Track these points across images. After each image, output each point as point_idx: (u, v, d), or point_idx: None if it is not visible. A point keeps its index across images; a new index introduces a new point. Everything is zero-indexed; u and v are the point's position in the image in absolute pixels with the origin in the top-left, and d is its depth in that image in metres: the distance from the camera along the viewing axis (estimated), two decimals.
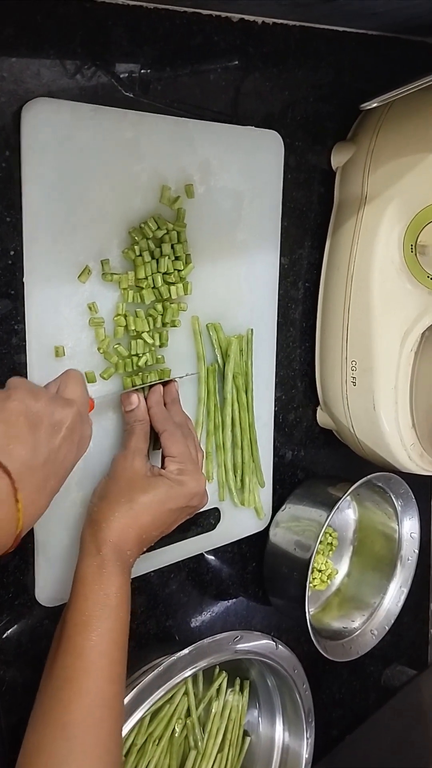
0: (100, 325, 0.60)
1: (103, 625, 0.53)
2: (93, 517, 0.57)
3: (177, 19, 0.62)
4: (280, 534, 0.81)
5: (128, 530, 0.56)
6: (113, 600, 0.54)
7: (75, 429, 0.53)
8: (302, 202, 0.77)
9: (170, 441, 0.62)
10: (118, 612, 0.54)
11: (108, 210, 0.59)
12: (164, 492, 0.59)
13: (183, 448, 0.62)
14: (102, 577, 0.54)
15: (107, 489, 0.59)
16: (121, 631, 0.54)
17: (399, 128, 0.71)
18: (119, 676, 0.54)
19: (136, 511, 0.57)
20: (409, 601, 0.94)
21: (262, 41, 0.69)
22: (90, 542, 0.56)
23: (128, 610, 0.55)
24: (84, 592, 0.54)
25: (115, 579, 0.55)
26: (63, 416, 0.52)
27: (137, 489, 0.58)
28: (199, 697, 0.76)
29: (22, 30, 0.54)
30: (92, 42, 0.58)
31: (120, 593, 0.55)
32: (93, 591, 0.54)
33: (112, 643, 0.53)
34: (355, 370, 0.76)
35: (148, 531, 0.58)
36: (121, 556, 0.56)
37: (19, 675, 0.63)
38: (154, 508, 0.58)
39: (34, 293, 0.57)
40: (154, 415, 0.63)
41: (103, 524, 0.56)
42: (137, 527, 0.57)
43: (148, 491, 0.58)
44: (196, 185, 0.64)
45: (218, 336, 0.69)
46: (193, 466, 0.62)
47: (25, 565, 0.62)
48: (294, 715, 0.79)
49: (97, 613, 0.53)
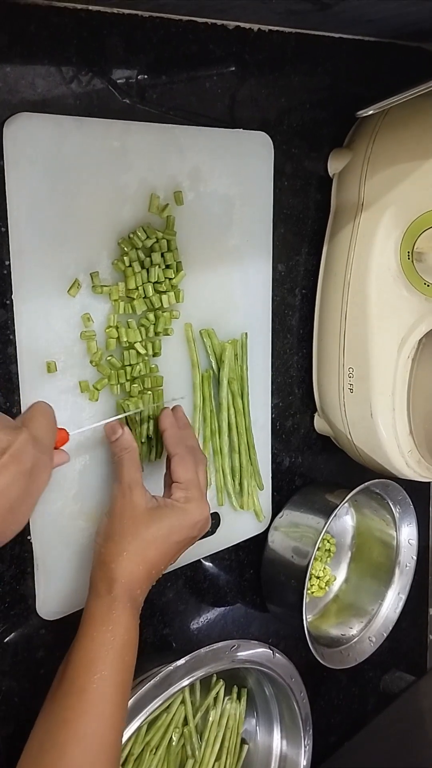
0: (91, 338, 0.60)
1: (107, 667, 0.52)
2: (101, 558, 0.56)
3: (172, 27, 0.62)
4: (278, 541, 0.81)
5: (137, 568, 0.55)
6: (120, 642, 0.53)
7: (22, 457, 0.47)
8: (299, 208, 0.77)
9: (180, 466, 0.61)
10: (124, 655, 0.53)
11: (96, 222, 0.59)
12: (169, 523, 0.58)
13: (192, 475, 0.61)
14: (111, 617, 0.54)
15: (111, 528, 0.57)
16: (125, 674, 0.53)
17: (395, 135, 0.71)
18: (119, 721, 0.53)
19: (143, 547, 0.56)
20: (407, 607, 0.94)
21: (258, 48, 0.69)
22: (100, 583, 0.55)
23: (134, 653, 0.54)
24: (91, 633, 0.53)
25: (124, 620, 0.54)
26: (7, 443, 0.47)
27: (141, 524, 0.57)
28: (196, 706, 0.76)
29: (16, 39, 0.54)
30: (87, 51, 0.58)
31: (127, 635, 0.54)
32: (100, 632, 0.53)
33: (115, 687, 0.52)
34: (352, 377, 0.76)
35: (157, 566, 0.57)
36: (131, 596, 0.55)
37: (15, 685, 0.63)
38: (160, 542, 0.57)
39: (23, 309, 0.56)
40: (168, 438, 0.62)
41: (112, 565, 0.55)
42: (146, 564, 0.56)
43: (151, 525, 0.57)
44: (185, 192, 0.64)
45: (212, 342, 0.69)
46: (199, 493, 0.60)
47: (21, 575, 0.61)
48: (291, 723, 0.79)
49: (102, 654, 0.52)
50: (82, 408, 0.61)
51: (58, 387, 0.59)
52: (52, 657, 0.63)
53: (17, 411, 0.58)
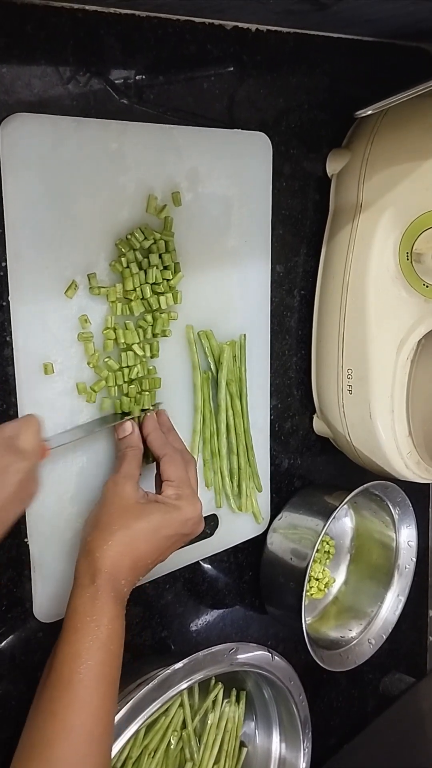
0: (89, 339, 0.60)
1: (92, 657, 0.51)
2: (87, 546, 0.55)
3: (170, 28, 0.62)
4: (277, 542, 0.81)
5: (123, 559, 0.55)
6: (104, 632, 0.52)
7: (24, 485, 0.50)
8: (297, 209, 0.77)
9: (169, 465, 0.61)
10: (109, 645, 0.52)
11: (94, 223, 0.59)
12: (159, 518, 0.57)
13: (182, 473, 0.60)
14: (95, 608, 0.53)
15: (99, 517, 0.56)
16: (111, 665, 0.52)
17: (394, 136, 0.71)
18: (108, 712, 0.52)
19: (130, 538, 0.55)
20: (406, 609, 0.94)
21: (256, 48, 0.69)
22: (84, 573, 0.54)
23: (121, 643, 0.54)
24: (74, 624, 0.53)
25: (108, 610, 0.53)
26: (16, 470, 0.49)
27: (130, 515, 0.56)
28: (194, 709, 0.76)
29: (13, 40, 0.53)
30: (85, 51, 0.57)
31: (112, 625, 0.53)
32: (84, 623, 0.52)
33: (102, 677, 0.51)
34: (351, 378, 0.76)
35: (143, 559, 0.56)
36: (115, 586, 0.54)
37: (12, 688, 0.63)
38: (148, 535, 0.56)
39: (20, 310, 0.56)
40: (153, 441, 0.62)
41: (97, 553, 0.54)
42: (132, 555, 0.55)
43: (141, 517, 0.56)
44: (183, 192, 0.64)
45: (210, 343, 0.69)
46: (190, 491, 0.60)
47: (18, 577, 0.61)
48: (290, 725, 0.79)
49: (87, 645, 0.52)
50: (79, 410, 0.61)
51: (55, 389, 0.59)
52: None
53: (14, 413, 0.58)
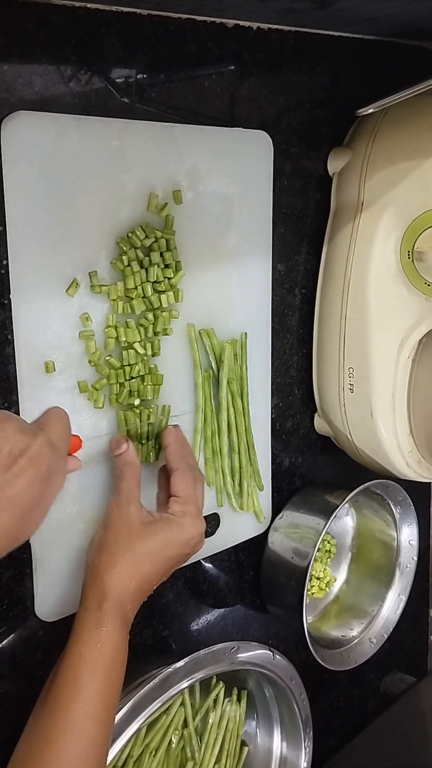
0: (90, 337, 0.60)
1: (93, 686, 0.51)
2: (93, 570, 0.55)
3: (171, 26, 0.62)
4: (278, 542, 0.81)
5: (130, 582, 0.55)
6: (107, 661, 0.52)
7: (39, 460, 0.48)
8: (298, 208, 0.77)
9: (180, 480, 0.61)
10: (111, 674, 0.52)
11: (95, 221, 0.59)
12: (164, 538, 0.57)
13: (191, 490, 0.61)
14: (100, 634, 0.53)
15: (105, 540, 0.57)
16: (111, 693, 0.52)
17: (395, 134, 0.71)
18: (104, 740, 0.52)
19: (136, 560, 0.55)
20: (407, 608, 0.94)
21: (257, 47, 0.69)
22: (91, 597, 0.54)
23: (122, 670, 0.54)
24: (78, 650, 0.52)
25: (113, 637, 0.53)
26: (24, 445, 0.48)
27: (135, 537, 0.56)
28: (195, 708, 0.75)
29: (14, 38, 0.53)
30: (85, 49, 0.57)
31: (116, 652, 0.53)
32: (88, 649, 0.52)
33: (101, 705, 0.51)
34: (352, 377, 0.76)
35: (149, 581, 0.56)
36: (122, 611, 0.54)
37: (13, 688, 0.63)
38: (153, 556, 0.56)
39: (22, 309, 0.56)
40: (172, 452, 0.62)
41: (105, 577, 0.54)
42: (139, 578, 0.55)
43: (146, 539, 0.56)
44: (184, 191, 0.64)
45: (212, 342, 0.69)
46: (196, 509, 0.60)
47: (20, 576, 0.61)
48: (292, 724, 0.79)
49: (89, 673, 0.51)
50: (80, 408, 0.61)
51: (57, 387, 0.59)
52: (51, 659, 0.62)
53: (15, 412, 0.58)
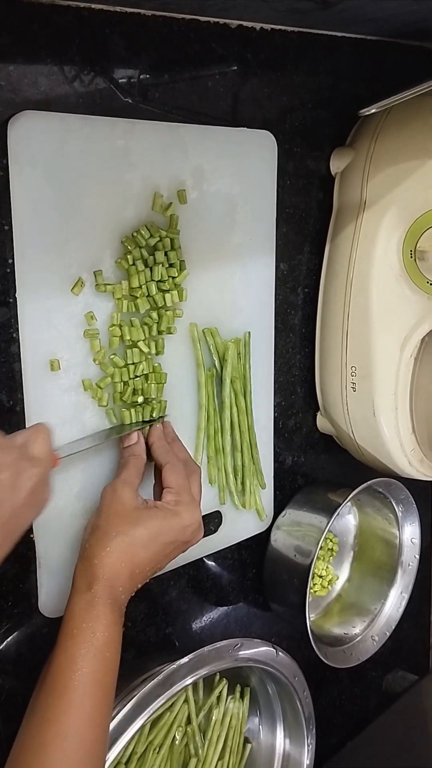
0: (95, 336, 0.60)
1: (88, 664, 0.51)
2: (85, 552, 0.56)
3: (175, 26, 0.62)
4: (281, 540, 0.81)
5: (121, 566, 0.55)
6: (100, 639, 0.52)
7: (37, 491, 0.50)
8: (301, 207, 0.77)
9: (170, 472, 0.61)
10: (105, 652, 0.52)
11: (100, 220, 0.59)
12: (157, 524, 0.57)
13: (182, 480, 0.61)
14: (90, 614, 0.53)
15: (97, 523, 0.57)
16: (107, 672, 0.52)
17: (398, 134, 0.71)
18: (103, 718, 0.52)
19: (128, 545, 0.55)
20: (409, 606, 0.94)
21: (260, 47, 0.69)
22: (81, 579, 0.55)
23: (117, 650, 0.54)
24: (71, 630, 0.53)
25: (104, 618, 0.53)
26: (29, 476, 0.49)
27: (129, 522, 0.56)
28: (199, 705, 0.76)
29: (19, 38, 0.54)
30: (90, 50, 0.58)
31: (108, 632, 0.53)
32: (80, 629, 0.52)
33: (97, 684, 0.51)
34: (354, 375, 0.76)
35: (142, 567, 0.56)
36: (112, 593, 0.54)
37: (18, 683, 0.63)
38: (147, 542, 0.56)
39: (27, 307, 0.56)
40: (157, 449, 0.63)
41: (95, 560, 0.54)
42: (130, 562, 0.55)
43: (140, 524, 0.56)
44: (188, 191, 0.64)
45: (215, 341, 0.69)
46: (190, 498, 0.60)
47: (24, 573, 0.62)
48: (295, 721, 0.79)
49: (82, 652, 0.52)
50: (85, 406, 0.61)
51: (61, 385, 0.59)
52: None
53: (20, 410, 0.58)
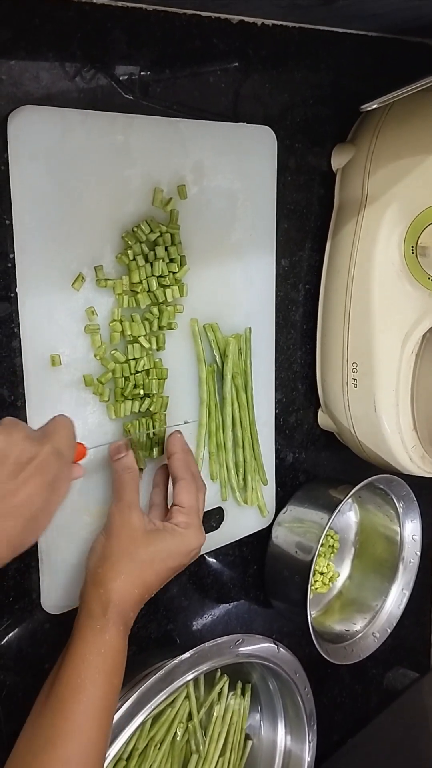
0: (95, 331, 0.60)
1: (96, 690, 0.52)
2: (97, 578, 0.56)
3: (176, 21, 0.62)
4: (282, 536, 0.81)
5: (133, 590, 0.55)
6: (110, 665, 0.53)
7: (46, 468, 0.49)
8: (302, 204, 0.77)
9: (185, 490, 0.61)
10: (113, 678, 0.53)
11: (100, 215, 0.59)
12: (166, 547, 0.58)
13: (194, 501, 0.61)
14: (104, 640, 0.53)
15: (109, 548, 0.57)
16: (111, 698, 0.53)
17: (399, 130, 0.71)
18: (104, 743, 0.53)
19: (140, 569, 0.56)
20: (411, 603, 0.94)
21: (262, 43, 0.69)
22: (95, 604, 0.55)
23: (121, 676, 0.54)
24: (83, 654, 0.53)
25: (116, 643, 0.54)
26: (32, 454, 0.48)
27: (139, 545, 0.57)
28: (200, 701, 0.76)
29: (20, 33, 0.54)
30: (91, 45, 0.58)
31: (117, 658, 0.54)
32: (92, 654, 0.53)
33: (102, 709, 0.52)
34: (356, 372, 0.76)
35: (150, 588, 0.57)
36: (123, 618, 0.55)
37: (20, 680, 0.63)
38: (156, 564, 0.57)
39: (28, 303, 0.56)
40: (176, 461, 0.63)
41: (109, 585, 0.55)
42: (142, 587, 0.56)
43: (149, 547, 0.57)
44: (188, 186, 0.64)
45: (216, 336, 0.69)
46: (198, 520, 0.61)
47: (26, 568, 0.61)
48: (296, 718, 0.79)
49: (93, 678, 0.52)
50: (86, 402, 0.61)
51: (62, 380, 0.59)
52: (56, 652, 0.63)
53: (21, 405, 0.58)
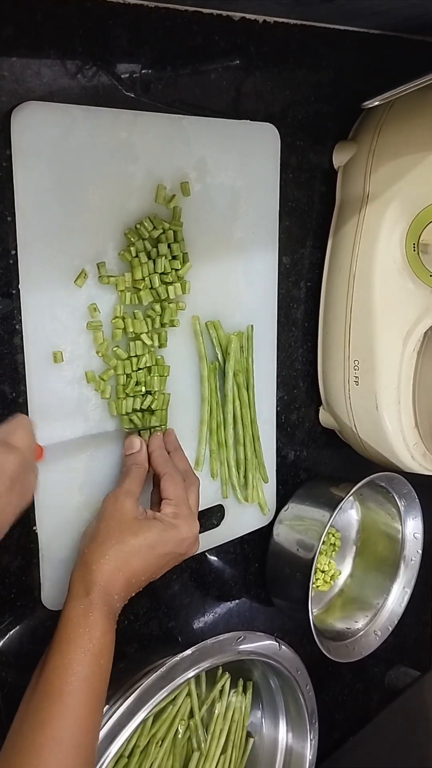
0: (98, 328, 0.60)
1: (83, 670, 0.52)
2: (83, 559, 0.56)
3: (178, 18, 0.62)
4: (283, 534, 0.81)
5: (117, 573, 0.55)
6: (96, 645, 0.53)
7: (16, 478, 0.50)
8: (304, 201, 0.77)
9: (169, 483, 0.61)
10: (100, 659, 0.53)
11: (103, 212, 0.59)
12: (156, 535, 0.58)
13: (180, 492, 0.61)
14: (88, 620, 0.53)
15: (97, 530, 0.57)
16: (101, 679, 0.53)
17: (400, 127, 0.71)
18: (95, 726, 0.53)
19: (126, 553, 0.56)
20: (412, 601, 0.94)
21: (263, 40, 0.69)
22: (79, 584, 0.55)
23: (110, 657, 0.54)
24: (67, 635, 0.53)
25: (101, 624, 0.54)
26: (6, 461, 0.50)
27: (128, 531, 0.57)
28: (201, 699, 0.76)
29: (22, 30, 0.54)
30: (92, 42, 0.58)
31: (104, 639, 0.54)
32: (77, 634, 0.53)
33: (91, 691, 0.52)
34: (357, 369, 0.76)
35: (137, 575, 0.57)
36: (108, 601, 0.55)
37: (21, 676, 0.63)
38: (144, 552, 0.57)
39: (30, 299, 0.56)
40: (156, 459, 0.63)
41: (93, 566, 0.55)
42: (127, 571, 0.56)
43: (139, 534, 0.57)
44: (191, 183, 0.64)
45: (218, 334, 0.69)
46: (188, 510, 0.61)
47: (27, 566, 0.62)
48: (297, 716, 0.79)
49: (79, 658, 0.52)
50: (87, 398, 0.61)
51: (64, 377, 0.59)
52: None
53: (23, 401, 0.58)
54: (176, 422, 0.68)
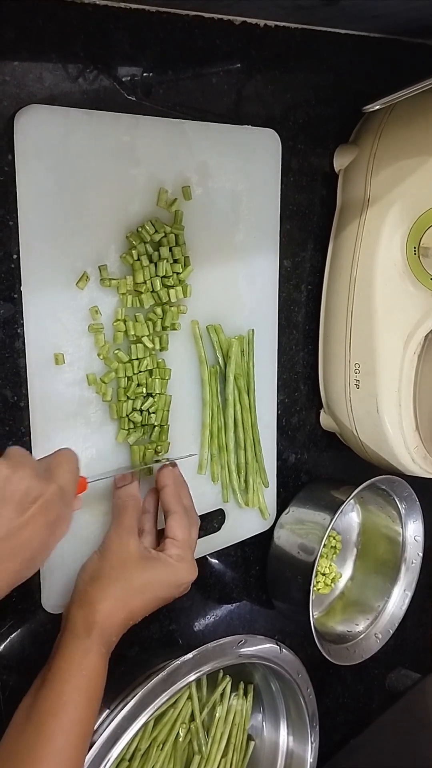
0: (99, 331, 0.60)
1: (78, 712, 0.52)
2: (86, 597, 0.56)
3: (179, 23, 0.62)
4: (284, 537, 0.81)
5: (119, 614, 0.55)
6: (92, 687, 0.53)
7: (50, 508, 0.49)
8: (304, 205, 0.77)
9: (177, 524, 0.61)
10: (93, 701, 0.53)
11: (105, 215, 0.59)
12: (158, 576, 0.58)
13: (187, 535, 0.61)
14: (87, 661, 0.53)
15: (101, 569, 0.57)
16: (90, 721, 0.53)
17: (401, 131, 0.71)
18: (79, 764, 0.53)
19: (128, 594, 0.56)
20: (413, 604, 0.94)
21: (264, 44, 0.69)
22: (79, 623, 0.55)
23: (100, 700, 0.54)
24: (65, 675, 0.53)
25: (98, 665, 0.54)
26: (38, 492, 0.49)
27: (131, 570, 0.57)
28: (202, 702, 0.76)
29: (24, 33, 0.54)
30: (94, 45, 0.58)
31: (98, 679, 0.54)
32: (74, 675, 0.53)
33: (81, 732, 0.52)
34: (358, 372, 0.76)
35: (135, 616, 0.57)
36: (106, 641, 0.55)
37: (21, 680, 0.63)
38: (145, 595, 0.57)
39: (32, 301, 0.56)
40: (168, 494, 0.63)
41: (97, 606, 0.55)
42: (127, 612, 0.56)
43: (142, 574, 0.57)
44: (193, 187, 0.64)
45: (219, 338, 0.69)
46: (191, 554, 0.61)
47: None
48: (298, 719, 0.79)
49: (75, 699, 0.52)
50: (89, 401, 0.61)
51: (66, 380, 0.59)
52: None
53: (24, 404, 0.58)
54: (177, 426, 0.68)
